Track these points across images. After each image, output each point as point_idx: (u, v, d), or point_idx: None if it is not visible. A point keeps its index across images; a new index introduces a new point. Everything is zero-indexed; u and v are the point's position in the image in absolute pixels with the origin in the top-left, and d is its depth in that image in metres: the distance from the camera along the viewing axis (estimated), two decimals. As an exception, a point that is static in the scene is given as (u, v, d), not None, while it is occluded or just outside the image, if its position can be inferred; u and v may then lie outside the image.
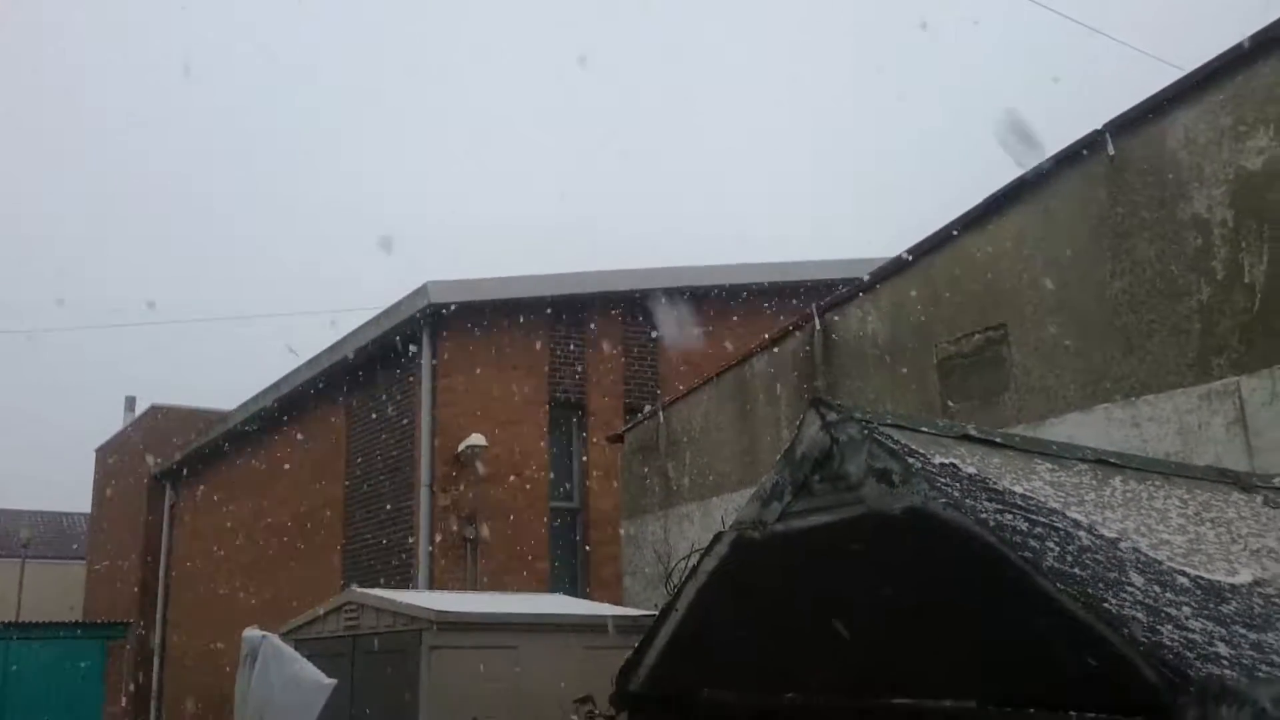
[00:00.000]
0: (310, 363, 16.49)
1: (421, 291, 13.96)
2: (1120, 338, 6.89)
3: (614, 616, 7.59)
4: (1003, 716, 2.98)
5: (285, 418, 17.62)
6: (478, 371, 14.13)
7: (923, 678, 3.20)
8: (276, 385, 17.58)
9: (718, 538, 3.99)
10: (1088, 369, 7.06)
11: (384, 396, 15.12)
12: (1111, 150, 7.07)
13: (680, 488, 10.57)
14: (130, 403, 28.28)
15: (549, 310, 14.62)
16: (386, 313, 14.62)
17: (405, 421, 14.48)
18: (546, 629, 7.47)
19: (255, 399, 18.39)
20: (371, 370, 15.36)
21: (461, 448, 13.69)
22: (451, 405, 13.95)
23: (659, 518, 10.77)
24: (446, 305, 13.86)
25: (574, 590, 13.37)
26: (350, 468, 15.87)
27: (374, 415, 15.37)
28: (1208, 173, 6.53)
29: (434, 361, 14.04)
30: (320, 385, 16.37)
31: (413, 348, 14.20)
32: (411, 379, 14.37)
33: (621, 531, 11.65)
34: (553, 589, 13.20)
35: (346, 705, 7.87)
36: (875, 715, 3.31)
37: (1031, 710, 2.93)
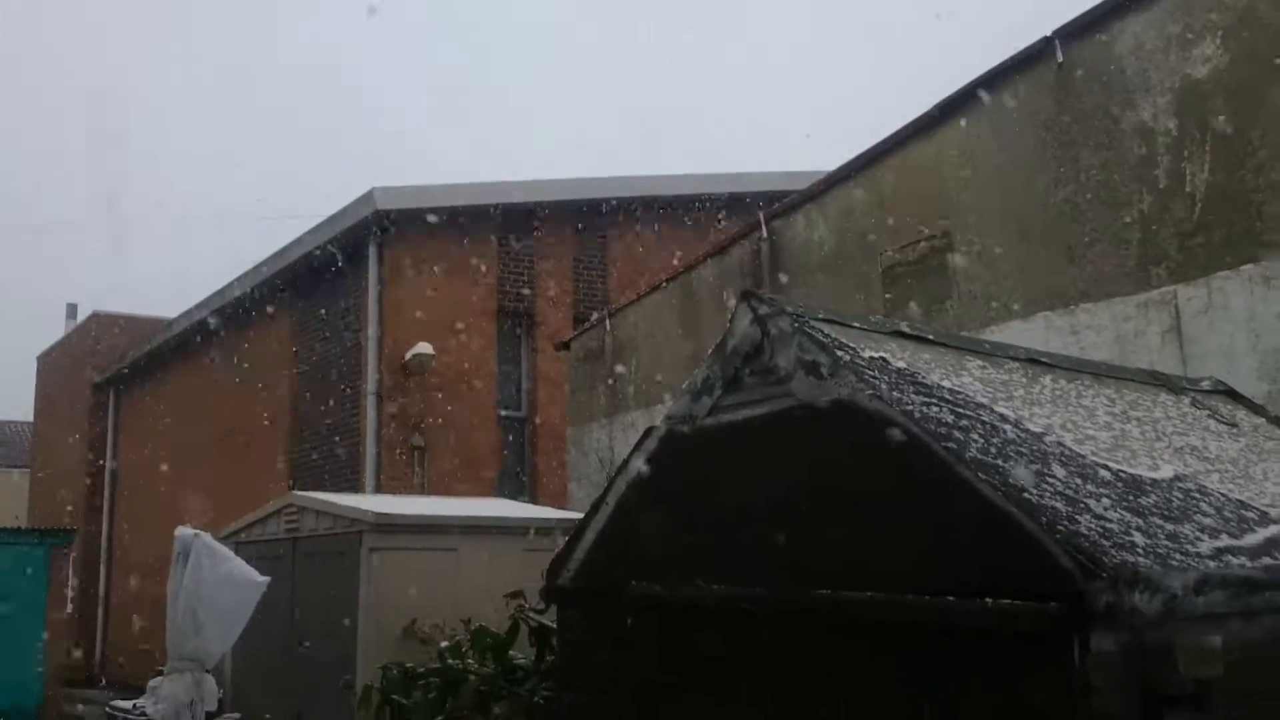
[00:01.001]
0: (254, 269, 16.20)
1: (368, 198, 13.70)
2: (1062, 247, 6.90)
3: (555, 519, 7.61)
4: (922, 604, 3.00)
5: (229, 325, 17.37)
6: (425, 279, 13.96)
7: (846, 568, 3.22)
8: (220, 292, 17.30)
9: (648, 433, 3.97)
10: (1029, 278, 7.08)
11: (330, 303, 14.92)
12: (1060, 58, 7.01)
13: (626, 395, 10.58)
14: (72, 310, 27.74)
15: (498, 218, 14.44)
16: (332, 219, 14.36)
17: (351, 329, 14.32)
18: (486, 531, 7.48)
19: (199, 306, 18.09)
20: (317, 276, 15.13)
21: (409, 356, 13.59)
22: (398, 313, 13.80)
23: (605, 425, 10.79)
24: (393, 212, 13.63)
25: (521, 499, 13.42)
26: (296, 375, 15.71)
27: (320, 322, 15.19)
28: (1154, 81, 6.50)
29: (381, 269, 13.85)
30: (265, 292, 16.11)
31: (359, 255, 13.99)
32: (358, 286, 14.18)
33: (567, 438, 11.67)
34: (500, 497, 13.23)
35: (287, 608, 7.88)
36: (799, 606, 3.33)
37: (950, 598, 2.95)
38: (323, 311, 15.11)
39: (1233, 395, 5.34)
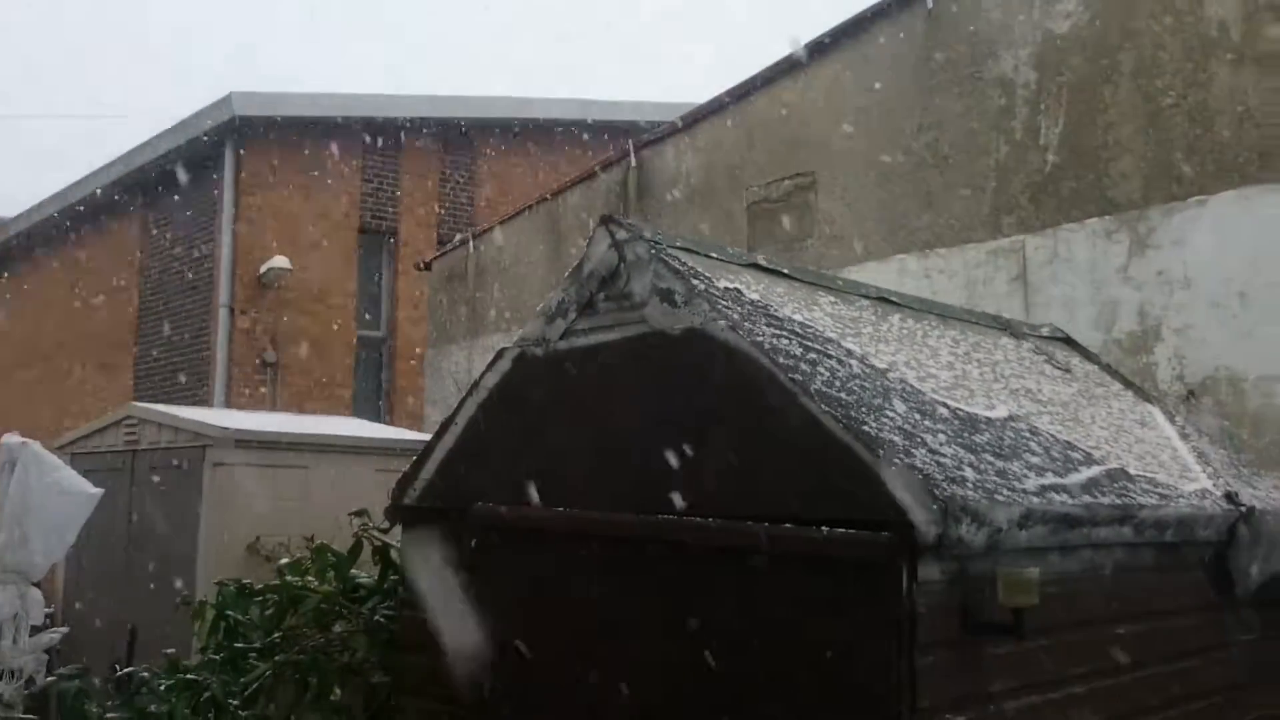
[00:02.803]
0: (102, 170, 15.42)
1: (225, 102, 13.14)
2: (921, 191, 7.06)
3: (408, 440, 7.52)
4: (761, 531, 3.05)
5: (75, 227, 16.54)
6: (284, 191, 13.52)
7: (690, 494, 3.25)
8: (65, 192, 16.42)
9: (500, 354, 3.93)
10: (888, 220, 7.22)
11: (182, 210, 14.33)
12: (930, 4, 7.10)
13: (487, 318, 10.48)
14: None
15: (363, 132, 14.02)
16: (186, 122, 13.74)
17: (204, 238, 13.80)
18: (338, 450, 7.35)
19: (42, 205, 17.14)
20: (169, 182, 14.47)
21: (264, 269, 13.19)
22: (254, 224, 13.36)
23: (464, 348, 10.68)
24: (252, 118, 13.11)
25: (379, 418, 13.23)
26: (145, 284, 15.09)
27: (171, 230, 14.59)
28: (1017, 33, 6.64)
29: (237, 177, 13.34)
30: (113, 195, 15.37)
31: (214, 162, 13.44)
32: (212, 194, 13.64)
33: (426, 360, 11.53)
34: (355, 418, 13.02)
35: (124, 522, 7.63)
36: (642, 530, 3.36)
37: (789, 525, 3.01)
38: (175, 219, 14.51)
39: (1069, 343, 5.57)
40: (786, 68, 7.94)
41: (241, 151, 13.37)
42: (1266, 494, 4.38)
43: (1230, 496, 4.01)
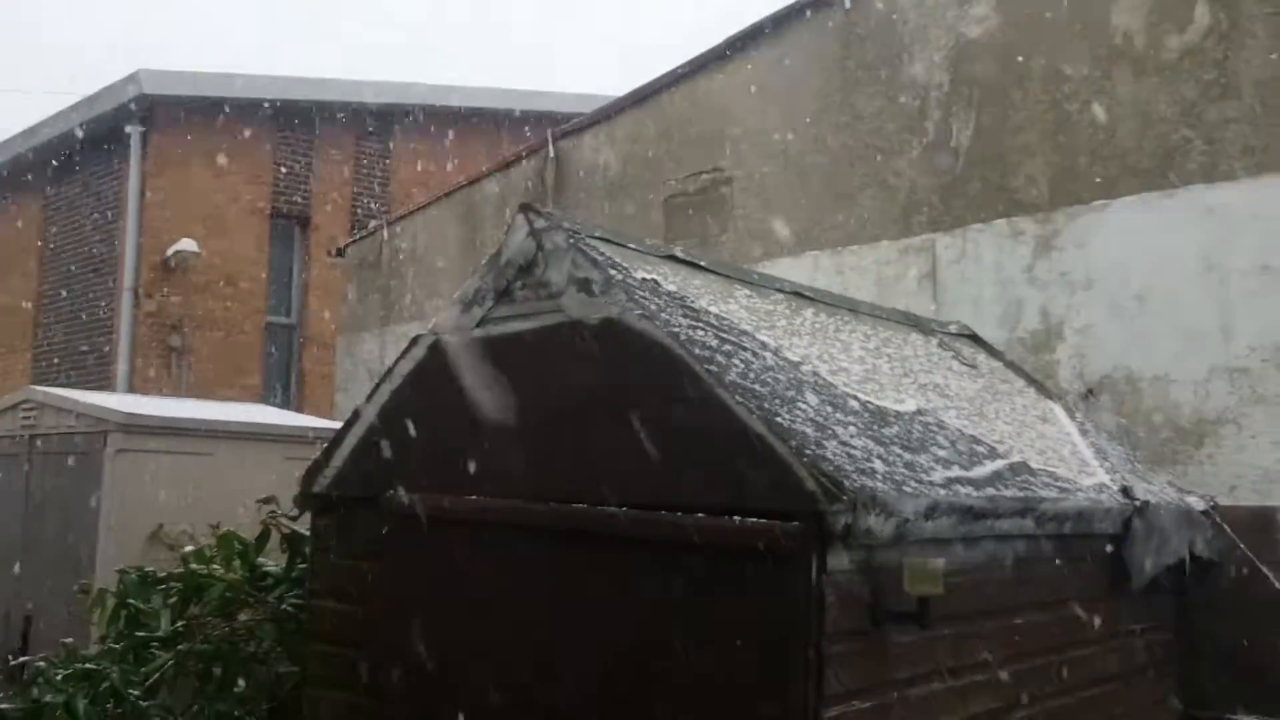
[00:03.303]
0: (2, 146, 14.89)
1: (133, 79, 12.78)
2: (836, 189, 7.15)
3: (318, 428, 7.40)
4: (674, 521, 3.08)
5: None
6: (193, 172, 13.20)
7: (605, 484, 3.26)
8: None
9: (415, 341, 3.90)
10: (803, 217, 7.31)
11: (87, 190, 13.91)
12: (848, 3, 7.20)
13: (401, 307, 10.37)
14: None
15: (277, 115, 13.76)
16: (91, 99, 13.34)
17: (109, 219, 13.41)
18: (245, 437, 7.20)
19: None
20: (73, 161, 14.05)
21: (171, 252, 12.87)
22: (162, 206, 13.03)
23: (377, 336, 10.56)
24: (161, 97, 12.78)
25: (288, 406, 13.01)
26: (45, 264, 14.62)
27: (75, 210, 14.15)
28: (931, 36, 6.77)
29: (144, 157, 13.00)
30: (14, 172, 14.86)
31: (120, 140, 13.07)
32: (117, 174, 13.27)
33: (338, 348, 11.37)
34: (264, 405, 12.78)
35: (21, 510, 7.40)
36: (555, 520, 3.36)
37: (701, 515, 3.04)
38: (79, 198, 14.09)
39: (976, 339, 5.70)
40: (705, 62, 7.98)
41: (149, 131, 13.02)
42: (1160, 489, 4.54)
43: (1126, 491, 4.15)
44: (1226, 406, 5.30)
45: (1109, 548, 4.07)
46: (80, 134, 13.45)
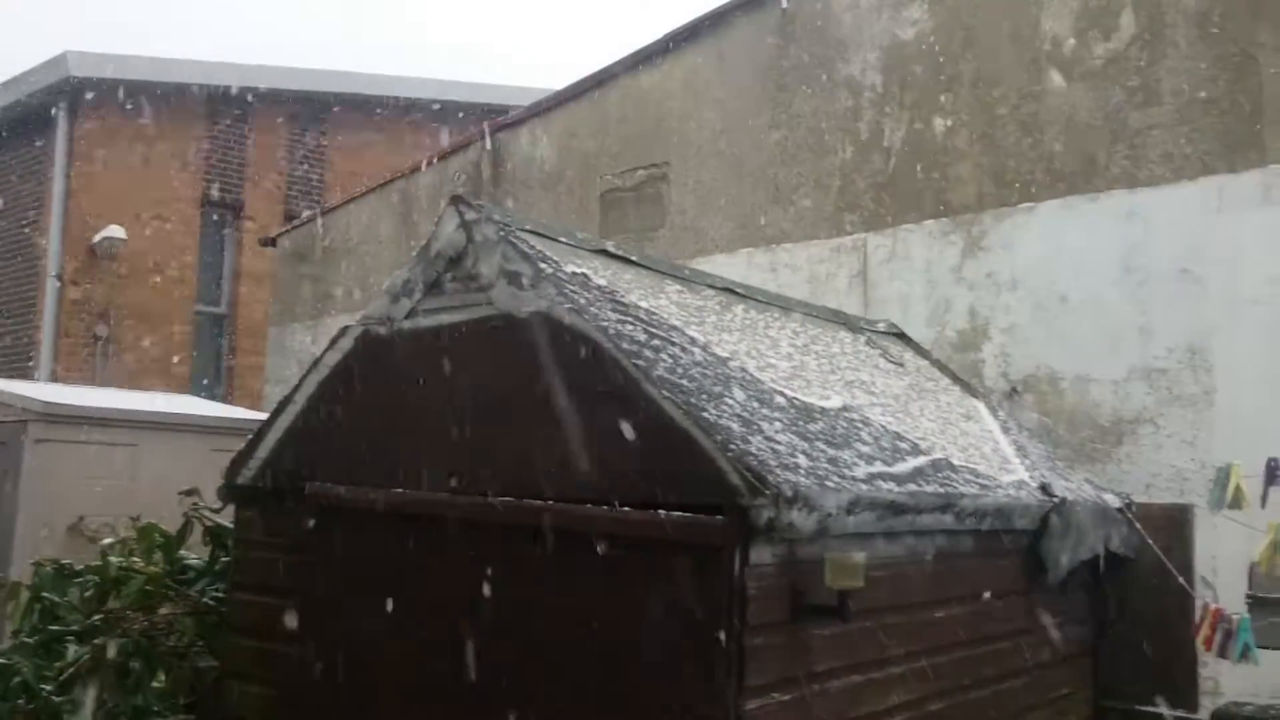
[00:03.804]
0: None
1: (59, 60, 12.48)
2: (770, 187, 7.21)
3: (246, 420, 7.30)
4: (600, 515, 3.09)
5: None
6: (122, 158, 12.92)
7: (534, 477, 3.26)
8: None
9: (343, 332, 3.87)
10: (738, 214, 7.36)
11: (10, 173, 13.56)
12: (784, 3, 7.25)
13: (334, 297, 10.26)
14: None
15: (209, 101, 13.51)
16: (15, 81, 12.99)
17: (33, 204, 13.08)
18: (170, 428, 7.08)
19: None
20: (-4, 143, 13.70)
21: (97, 239, 12.59)
22: (89, 191, 12.73)
23: (309, 327, 10.44)
24: (89, 80, 12.49)
25: (217, 397, 12.80)
26: (-36, 249, 14.23)
27: (-3, 193, 13.80)
28: (866, 37, 6.84)
29: (70, 141, 12.70)
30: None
31: (45, 124, 12.76)
32: (42, 158, 12.95)
33: (268, 339, 11.22)
34: (193, 395, 12.57)
35: (-65, 500, 7.21)
36: (481, 513, 3.35)
37: (627, 509, 3.05)
38: (2, 181, 13.72)
39: (903, 338, 5.78)
40: (643, 58, 8.00)
41: (76, 115, 12.73)
42: (1078, 486, 4.64)
43: (1045, 488, 4.24)
44: (1144, 406, 5.43)
45: (1027, 544, 4.15)
46: (4, 116, 13.11)
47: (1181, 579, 4.44)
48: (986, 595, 3.93)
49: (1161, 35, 5.63)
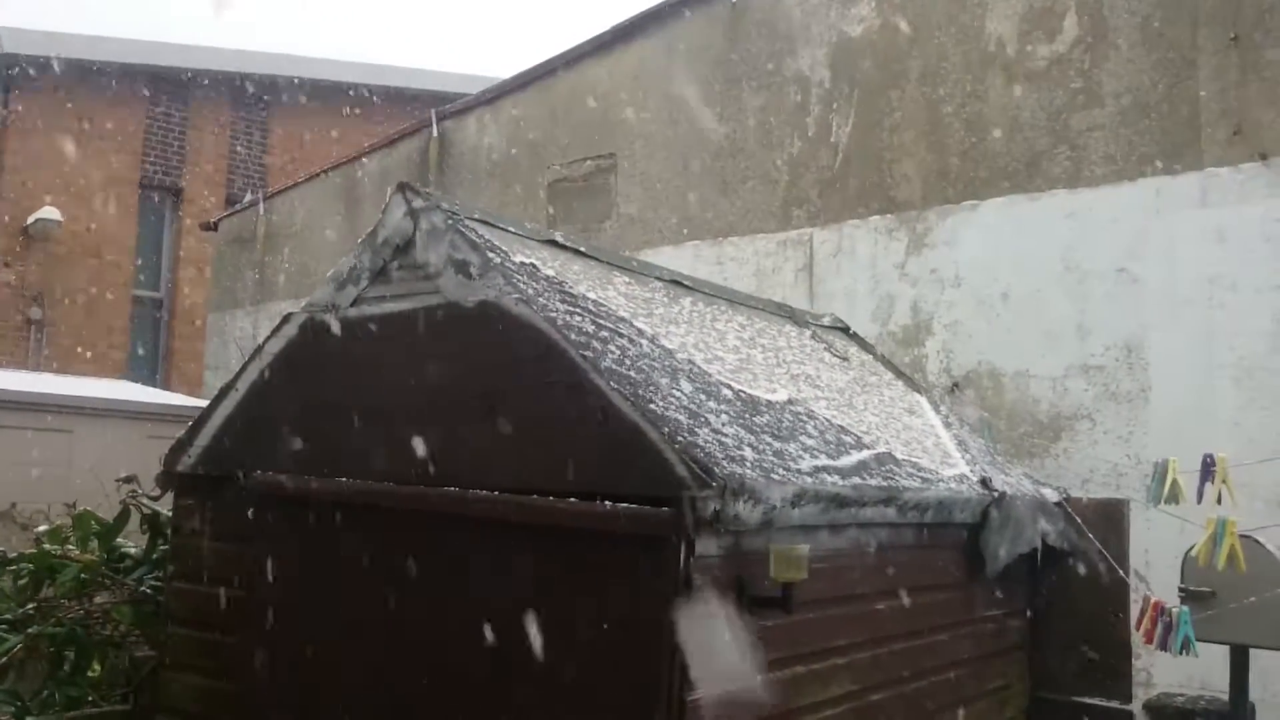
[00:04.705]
0: None
1: (-9, 36, 12.20)
2: (718, 180, 7.23)
3: (184, 406, 7.19)
4: (546, 506, 3.08)
5: None
6: (57, 138, 12.65)
7: (479, 467, 3.25)
8: None
9: (287, 319, 3.82)
10: (685, 206, 7.37)
11: (-61, 152, 13.22)
12: (734, -3, 7.28)
13: (276, 284, 10.13)
14: None
15: (150, 82, 13.27)
16: (-54, 56, 12.68)
17: (-36, 183, 12.78)
18: (106, 414, 6.97)
19: None
20: (-75, 120, 13.33)
21: (31, 220, 12.33)
22: (22, 171, 12.46)
23: (250, 313, 10.30)
24: (22, 57, 12.21)
25: (154, 383, 12.59)
26: (-109, 229, 13.86)
27: (-76, 171, 13.44)
28: (814, 33, 6.88)
29: (3, 119, 12.41)
30: None
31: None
32: (-27, 136, 12.65)
33: (208, 325, 11.05)
34: (129, 381, 12.35)
35: None
36: (426, 502, 3.33)
37: (574, 500, 3.05)
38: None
39: (848, 333, 5.83)
40: (592, 48, 7.98)
41: (9, 93, 12.44)
42: (1017, 480, 4.71)
43: (985, 482, 4.30)
44: (1082, 403, 5.53)
45: (967, 537, 4.21)
46: (-66, 92, 12.79)
47: (1120, 571, 4.53)
48: (927, 587, 3.98)
49: (1104, 39, 5.72)
